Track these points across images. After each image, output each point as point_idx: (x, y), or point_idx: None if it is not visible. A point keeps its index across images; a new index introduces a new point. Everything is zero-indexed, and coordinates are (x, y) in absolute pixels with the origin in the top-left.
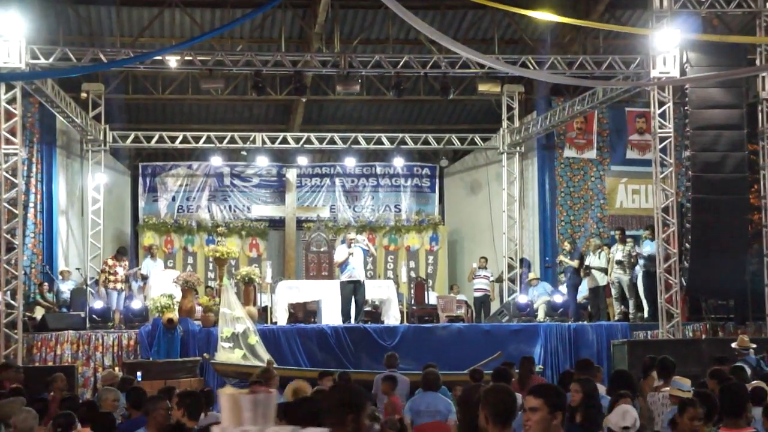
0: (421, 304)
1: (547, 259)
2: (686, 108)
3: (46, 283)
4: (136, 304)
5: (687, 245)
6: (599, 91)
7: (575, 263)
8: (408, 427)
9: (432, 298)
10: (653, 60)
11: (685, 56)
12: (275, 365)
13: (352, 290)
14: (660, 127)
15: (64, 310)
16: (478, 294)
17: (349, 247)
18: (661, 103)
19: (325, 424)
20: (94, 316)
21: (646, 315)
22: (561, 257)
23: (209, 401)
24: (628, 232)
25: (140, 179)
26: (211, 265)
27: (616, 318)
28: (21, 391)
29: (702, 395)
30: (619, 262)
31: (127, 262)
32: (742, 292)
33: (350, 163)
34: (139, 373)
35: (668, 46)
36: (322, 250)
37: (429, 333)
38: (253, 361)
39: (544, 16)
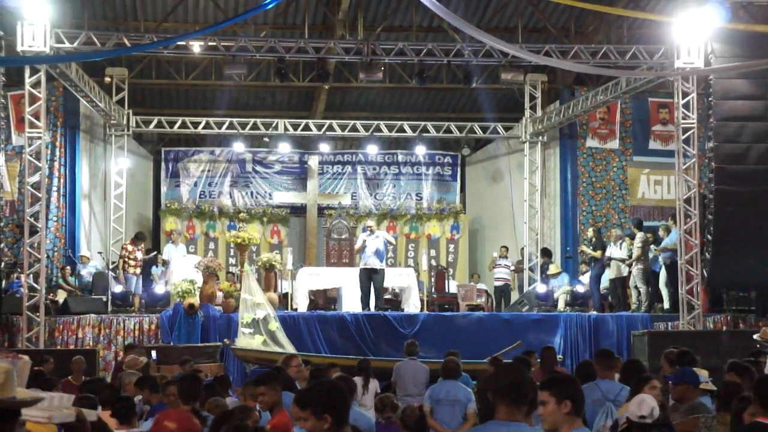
0: (441, 292)
1: (567, 249)
2: (710, 99)
3: (68, 267)
4: (159, 289)
5: (709, 236)
6: (623, 81)
7: (597, 254)
8: (428, 415)
9: (452, 286)
10: (677, 50)
11: (710, 47)
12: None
13: (368, 278)
14: (683, 118)
15: (86, 293)
16: (498, 283)
17: (371, 234)
18: (685, 94)
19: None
20: (116, 300)
21: (666, 306)
22: (583, 247)
23: (226, 386)
24: (648, 223)
25: (163, 164)
26: (232, 251)
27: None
28: (44, 374)
29: (726, 384)
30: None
31: (143, 246)
32: (764, 284)
33: (372, 150)
34: (153, 352)
35: (693, 36)
36: (343, 237)
37: (449, 321)
38: (273, 347)
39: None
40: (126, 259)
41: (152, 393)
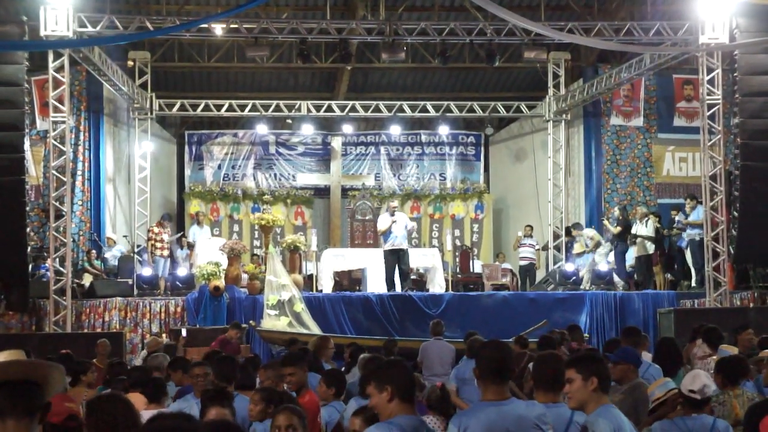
0: (466, 272)
1: (592, 227)
2: (735, 74)
3: (93, 251)
4: (182, 272)
5: (735, 213)
6: (646, 58)
7: (616, 230)
8: (453, 395)
9: (477, 266)
10: (702, 26)
11: (735, 22)
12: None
13: (396, 259)
14: (708, 94)
15: (112, 277)
16: (523, 262)
17: (392, 215)
18: (710, 70)
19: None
20: (142, 283)
21: (693, 284)
22: (605, 221)
23: (256, 366)
24: (674, 201)
25: (186, 147)
26: (256, 233)
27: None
28: (71, 357)
29: (731, 359)
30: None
31: (169, 229)
32: None
33: (395, 131)
34: (183, 330)
35: (717, 11)
36: (367, 218)
37: (474, 301)
38: (298, 328)
39: None
40: (153, 242)
41: (184, 374)
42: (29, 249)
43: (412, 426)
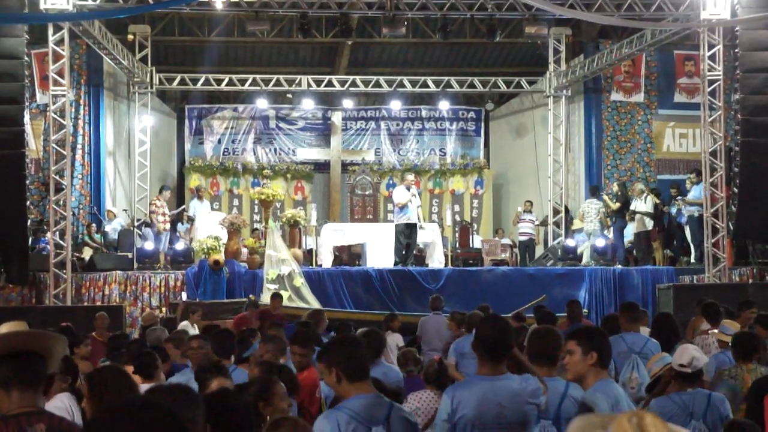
0: (465, 247)
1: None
2: (736, 50)
3: (93, 224)
4: (179, 246)
5: (735, 189)
6: (648, 34)
7: (615, 206)
8: (451, 369)
9: (477, 241)
10: (703, 1)
11: None
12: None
13: (409, 233)
14: (709, 70)
15: (112, 250)
16: (523, 238)
17: (409, 189)
18: (711, 46)
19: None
20: (142, 257)
21: (692, 260)
22: (605, 197)
23: (254, 337)
24: (674, 177)
25: (186, 121)
26: (256, 207)
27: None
28: (71, 329)
29: (745, 335)
30: None
31: (165, 203)
32: None
33: (396, 106)
34: (184, 294)
35: None
36: (366, 193)
37: (473, 276)
38: (298, 302)
39: None
40: (155, 215)
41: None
42: (29, 222)
43: (364, 406)
